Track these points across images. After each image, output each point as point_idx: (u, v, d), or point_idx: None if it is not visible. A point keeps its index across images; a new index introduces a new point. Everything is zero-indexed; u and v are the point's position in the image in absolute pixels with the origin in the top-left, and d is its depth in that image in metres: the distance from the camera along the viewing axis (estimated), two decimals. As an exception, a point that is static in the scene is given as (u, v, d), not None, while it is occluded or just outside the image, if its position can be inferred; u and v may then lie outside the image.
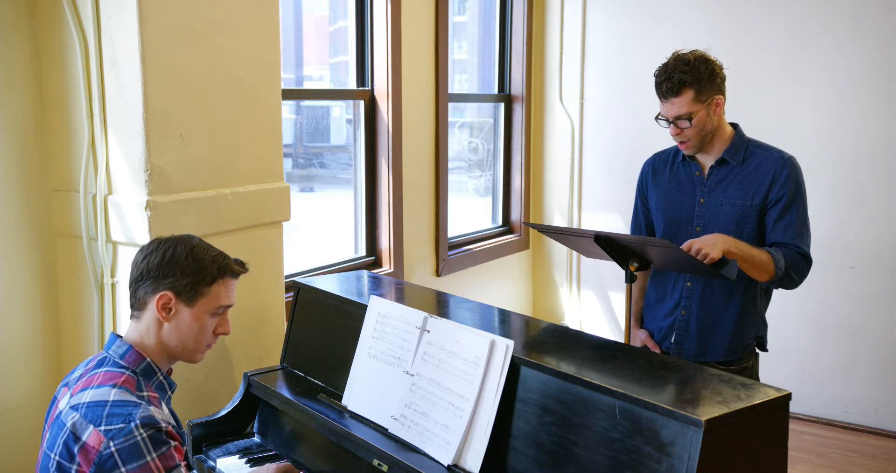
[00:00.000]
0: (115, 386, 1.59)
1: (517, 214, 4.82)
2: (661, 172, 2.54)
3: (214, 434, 2.28)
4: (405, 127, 3.69)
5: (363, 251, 3.67)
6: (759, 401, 1.50)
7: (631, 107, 4.49)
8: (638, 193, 2.63)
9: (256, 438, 2.30)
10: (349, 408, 2.05)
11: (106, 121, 2.19)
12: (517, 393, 1.73)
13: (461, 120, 4.67)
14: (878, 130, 3.89)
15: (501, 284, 4.69)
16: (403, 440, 1.87)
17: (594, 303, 4.80)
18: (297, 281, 2.49)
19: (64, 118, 2.25)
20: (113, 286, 2.25)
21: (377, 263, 3.68)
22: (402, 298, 2.38)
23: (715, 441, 1.41)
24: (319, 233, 3.64)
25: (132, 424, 1.50)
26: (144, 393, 1.63)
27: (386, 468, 1.82)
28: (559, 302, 4.95)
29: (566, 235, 2.71)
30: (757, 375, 2.54)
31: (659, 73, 2.34)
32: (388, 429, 1.92)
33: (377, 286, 2.49)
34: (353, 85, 3.60)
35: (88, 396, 1.56)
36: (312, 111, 3.61)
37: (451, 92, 4.15)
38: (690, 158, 2.46)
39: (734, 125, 2.45)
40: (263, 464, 2.12)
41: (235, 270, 1.79)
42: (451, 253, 4.16)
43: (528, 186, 4.86)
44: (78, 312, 2.32)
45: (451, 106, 4.18)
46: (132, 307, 1.73)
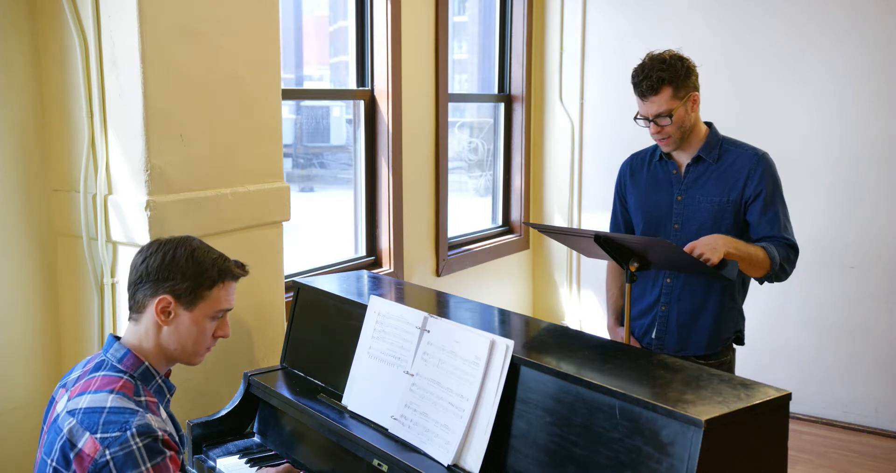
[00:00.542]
0: (112, 391, 1.57)
1: (517, 214, 4.82)
2: (638, 172, 2.58)
3: (214, 434, 2.28)
4: (405, 127, 3.69)
5: (363, 251, 3.67)
6: (759, 401, 1.51)
7: (631, 107, 4.40)
8: (616, 194, 2.67)
9: (256, 438, 2.30)
10: (349, 408, 2.05)
11: (106, 121, 2.19)
12: (517, 393, 1.73)
13: (461, 120, 4.67)
14: (878, 130, 3.89)
15: (501, 284, 4.70)
16: (403, 440, 1.87)
17: (594, 303, 4.80)
18: (297, 281, 2.49)
19: (64, 118, 2.25)
20: (113, 286, 2.25)
21: (377, 263, 3.69)
22: (402, 298, 2.38)
23: (715, 441, 1.41)
24: (319, 233, 3.63)
25: (128, 433, 1.48)
26: (143, 398, 1.61)
27: (386, 468, 1.82)
28: (559, 302, 4.95)
29: (566, 235, 2.72)
30: (734, 369, 2.58)
31: (636, 73, 2.39)
32: (388, 429, 1.92)
33: (377, 286, 2.49)
34: (353, 85, 3.60)
35: (86, 401, 1.55)
36: (312, 111, 3.61)
37: (451, 92, 4.15)
38: (667, 157, 2.50)
39: (708, 124, 2.49)
40: (263, 464, 2.12)
41: (236, 273, 1.77)
42: (451, 253, 4.16)
43: (528, 186, 4.86)
44: (78, 312, 2.32)
45: (451, 106, 4.18)
46: (131, 309, 1.72)
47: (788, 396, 1.56)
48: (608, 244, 2.24)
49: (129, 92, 2.13)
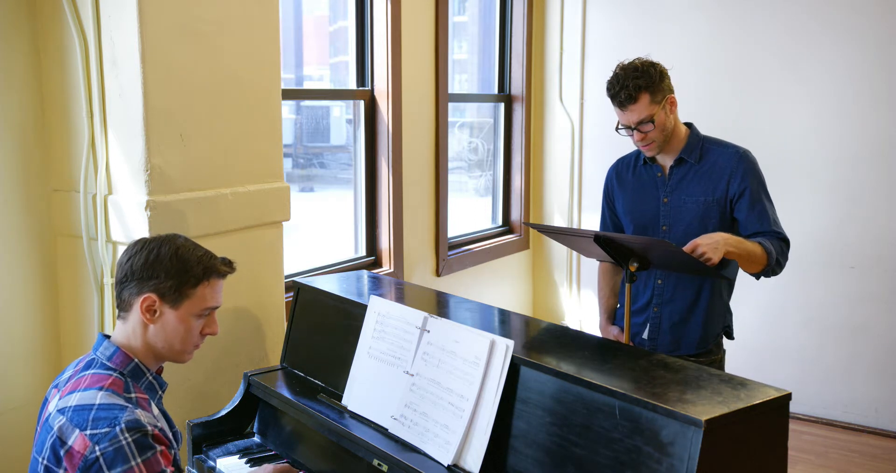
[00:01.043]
0: (101, 388, 1.57)
1: (517, 214, 4.82)
2: (624, 176, 2.60)
3: (214, 434, 2.28)
4: (405, 127, 3.69)
5: (363, 251, 3.67)
6: (759, 401, 1.51)
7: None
8: (604, 199, 2.69)
9: (256, 438, 2.30)
10: (349, 408, 2.05)
11: (106, 121, 2.19)
12: (517, 392, 1.73)
13: (461, 120, 4.67)
14: (878, 130, 3.89)
15: (501, 284, 4.69)
16: (403, 440, 1.87)
17: (594, 303, 4.79)
18: (297, 281, 2.49)
19: (64, 118, 2.25)
20: (113, 286, 2.24)
21: (377, 263, 3.68)
22: (402, 298, 2.38)
23: (715, 441, 1.41)
24: (319, 233, 3.63)
25: (117, 428, 1.48)
26: (132, 394, 1.61)
27: (386, 468, 1.82)
28: (559, 302, 4.95)
29: (566, 235, 2.72)
30: (724, 366, 2.60)
31: (611, 85, 2.38)
32: (388, 429, 1.92)
33: (377, 286, 2.49)
34: (353, 85, 3.60)
35: (75, 399, 1.55)
36: (312, 111, 3.61)
37: (451, 92, 4.15)
38: (651, 161, 2.51)
39: (689, 125, 2.50)
40: (263, 464, 2.12)
41: (221, 271, 1.74)
42: (451, 253, 4.16)
43: (528, 186, 4.86)
44: (78, 312, 2.32)
45: (451, 106, 4.18)
46: (118, 308, 1.71)
47: (788, 396, 1.56)
48: (608, 244, 2.24)
49: (129, 92, 2.13)
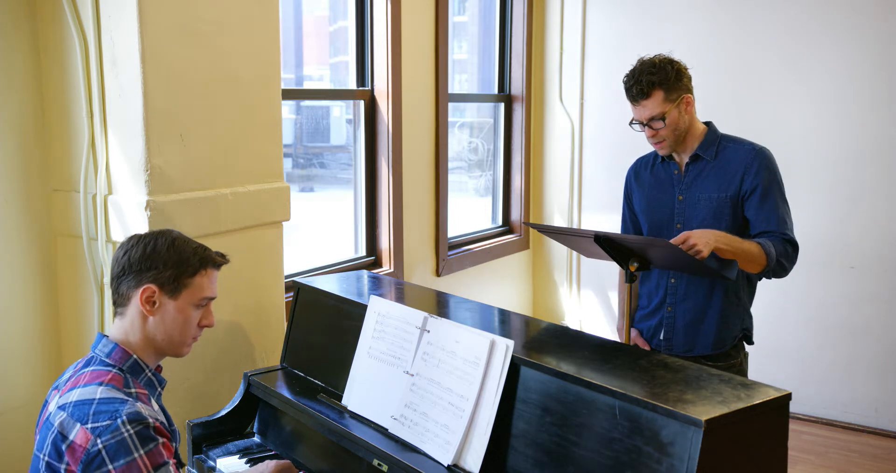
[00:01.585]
0: (101, 383, 1.58)
1: (517, 214, 4.82)
2: (642, 175, 2.60)
3: (214, 434, 2.28)
4: (405, 127, 3.69)
5: (363, 251, 3.67)
6: (759, 401, 1.51)
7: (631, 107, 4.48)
8: (625, 199, 2.69)
9: (256, 438, 2.30)
10: (349, 408, 2.05)
11: (106, 121, 2.19)
12: (517, 393, 1.73)
13: (461, 120, 4.67)
14: (878, 130, 3.89)
15: (501, 284, 4.69)
16: (403, 440, 1.87)
17: (594, 303, 4.80)
18: (297, 281, 2.49)
19: (64, 118, 2.25)
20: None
21: (377, 263, 3.68)
22: (402, 298, 2.38)
23: (715, 441, 1.41)
24: (319, 233, 3.63)
25: (119, 420, 1.49)
26: (132, 389, 1.62)
27: (386, 468, 1.82)
28: (559, 302, 4.95)
29: (566, 235, 2.72)
30: (746, 372, 2.56)
31: (627, 78, 2.40)
32: (388, 429, 1.92)
33: (377, 286, 2.49)
34: (353, 85, 3.60)
35: (75, 395, 1.56)
36: (312, 111, 3.61)
37: (451, 92, 4.15)
38: (668, 158, 2.51)
39: (707, 123, 2.50)
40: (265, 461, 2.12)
41: (217, 261, 1.78)
42: (451, 253, 4.16)
43: (528, 186, 4.86)
44: (78, 312, 2.32)
45: (451, 106, 4.18)
46: (115, 304, 1.72)
47: (788, 396, 1.56)
48: (608, 244, 2.24)
49: (129, 92, 2.13)
